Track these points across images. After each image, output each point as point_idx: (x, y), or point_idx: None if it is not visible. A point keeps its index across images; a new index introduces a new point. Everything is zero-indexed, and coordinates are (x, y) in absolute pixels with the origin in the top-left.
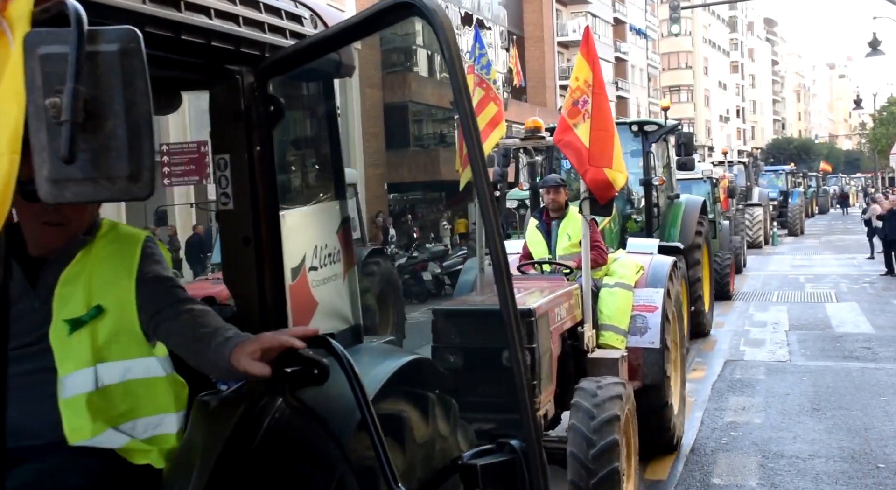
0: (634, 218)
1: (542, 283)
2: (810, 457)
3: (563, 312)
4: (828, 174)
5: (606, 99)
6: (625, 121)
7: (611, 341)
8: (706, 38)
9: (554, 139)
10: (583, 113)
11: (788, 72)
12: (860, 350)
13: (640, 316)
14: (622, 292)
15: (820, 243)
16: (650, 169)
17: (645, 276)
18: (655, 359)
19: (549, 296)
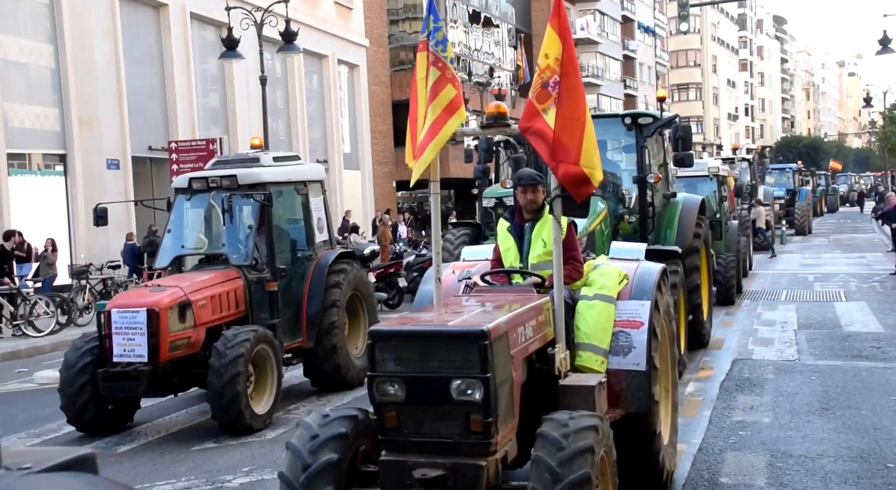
0: (627, 219)
1: (507, 295)
2: (819, 456)
3: (528, 331)
4: (837, 172)
5: (579, 80)
6: (617, 113)
7: (589, 363)
8: (715, 36)
9: (519, 127)
10: (554, 97)
11: (798, 70)
12: (869, 349)
13: (624, 333)
14: (603, 305)
15: (829, 242)
16: (645, 165)
17: (630, 285)
18: (641, 383)
19: (511, 312)
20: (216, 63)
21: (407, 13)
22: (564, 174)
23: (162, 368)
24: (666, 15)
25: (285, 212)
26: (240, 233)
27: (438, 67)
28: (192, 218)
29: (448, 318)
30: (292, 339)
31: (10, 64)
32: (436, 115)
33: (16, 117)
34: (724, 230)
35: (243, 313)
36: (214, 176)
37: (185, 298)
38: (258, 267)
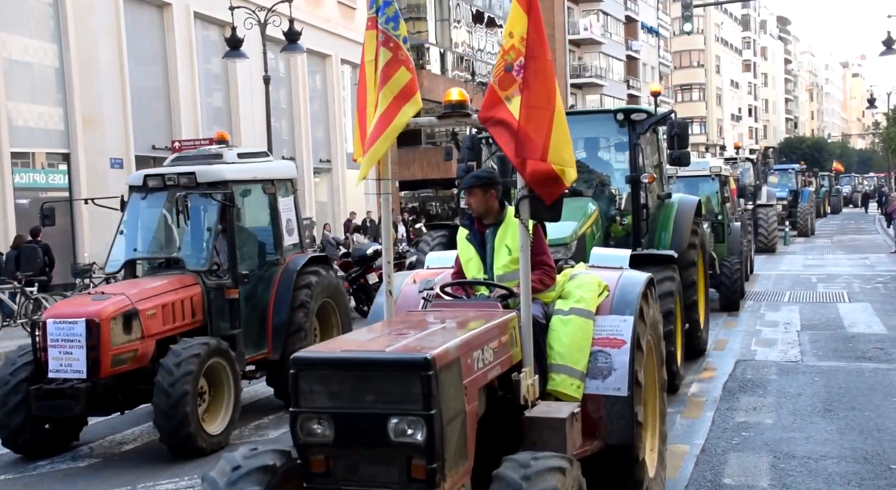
0: (620, 221)
1: (468, 311)
2: (822, 457)
3: (488, 355)
4: (841, 174)
5: (549, 63)
6: (609, 108)
7: (563, 388)
8: (718, 37)
9: (479, 117)
10: (519, 82)
11: (801, 70)
12: (873, 350)
13: (603, 353)
14: (579, 321)
15: (832, 243)
16: (638, 164)
17: (611, 298)
18: (622, 410)
19: (467, 333)
20: (220, 62)
21: (410, 13)
22: (531, 172)
23: (103, 385)
24: (669, 15)
25: (250, 213)
26: (198, 235)
27: (389, 48)
28: (148, 219)
29: (388, 341)
30: (256, 350)
31: (14, 63)
32: (387, 102)
33: (20, 116)
34: (727, 233)
35: (201, 323)
36: (171, 173)
37: (131, 307)
38: (218, 272)
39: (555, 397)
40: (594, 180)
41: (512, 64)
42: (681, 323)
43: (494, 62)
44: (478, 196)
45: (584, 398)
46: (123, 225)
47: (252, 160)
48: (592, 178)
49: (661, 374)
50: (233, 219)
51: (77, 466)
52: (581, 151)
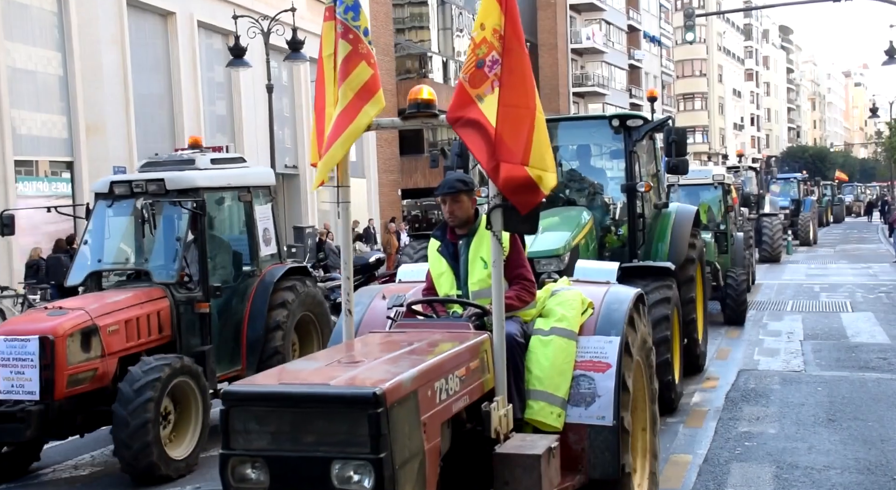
0: (615, 231)
1: (433, 333)
2: (825, 468)
3: (454, 384)
4: (843, 183)
5: (525, 57)
6: (603, 114)
7: (542, 417)
8: (721, 46)
9: (448, 118)
10: (492, 79)
11: (804, 80)
12: (876, 360)
13: (586, 377)
14: (561, 342)
15: (835, 252)
16: (634, 172)
17: (595, 316)
18: (607, 441)
19: (427, 361)
20: (223, 71)
21: (413, 22)
22: (505, 179)
23: (58, 407)
24: (672, 24)
25: (224, 221)
26: (167, 245)
27: (349, 40)
28: (114, 228)
29: (334, 372)
30: (229, 367)
31: (18, 71)
32: (347, 100)
33: (23, 124)
34: (730, 243)
35: (169, 339)
36: (139, 180)
37: (90, 323)
38: (188, 285)
39: (533, 427)
40: (588, 189)
41: (484, 59)
42: (679, 339)
43: None
44: (450, 202)
45: (565, 428)
46: (88, 234)
47: (226, 166)
48: (586, 186)
49: (652, 410)
50: (204, 228)
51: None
52: (575, 159)
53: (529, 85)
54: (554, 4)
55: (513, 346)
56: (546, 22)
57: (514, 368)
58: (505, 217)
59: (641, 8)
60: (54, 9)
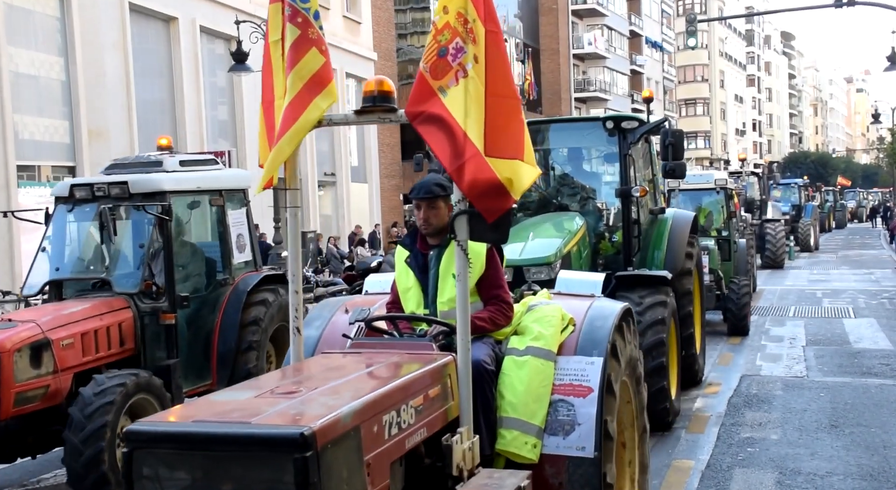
0: (609, 238)
1: (390, 354)
2: (828, 474)
3: (408, 416)
4: (845, 188)
5: (500, 42)
6: (597, 116)
7: (515, 448)
8: (723, 52)
9: (407, 112)
10: (456, 69)
11: (806, 85)
12: (879, 366)
13: (565, 403)
14: (537, 364)
15: (837, 258)
16: (629, 176)
17: (577, 334)
18: (588, 474)
19: (376, 390)
20: (225, 76)
21: (415, 27)
22: (471, 182)
23: (5, 427)
24: (674, 30)
25: (195, 227)
26: (130, 253)
27: (297, 24)
28: (75, 234)
29: (263, 405)
30: (198, 381)
31: (21, 76)
32: (295, 91)
33: (25, 129)
34: (733, 250)
35: (132, 352)
36: (101, 183)
37: (41, 337)
38: (154, 295)
39: (505, 459)
40: (582, 194)
41: (447, 47)
42: (676, 351)
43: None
44: (424, 207)
45: (541, 459)
46: (46, 241)
47: (196, 168)
48: (580, 191)
49: (641, 420)
50: (170, 234)
51: None
52: (567, 163)
53: (510, 72)
54: (556, 10)
55: (482, 372)
56: (548, 27)
57: (482, 396)
58: (471, 225)
59: (643, 13)
60: (57, 14)
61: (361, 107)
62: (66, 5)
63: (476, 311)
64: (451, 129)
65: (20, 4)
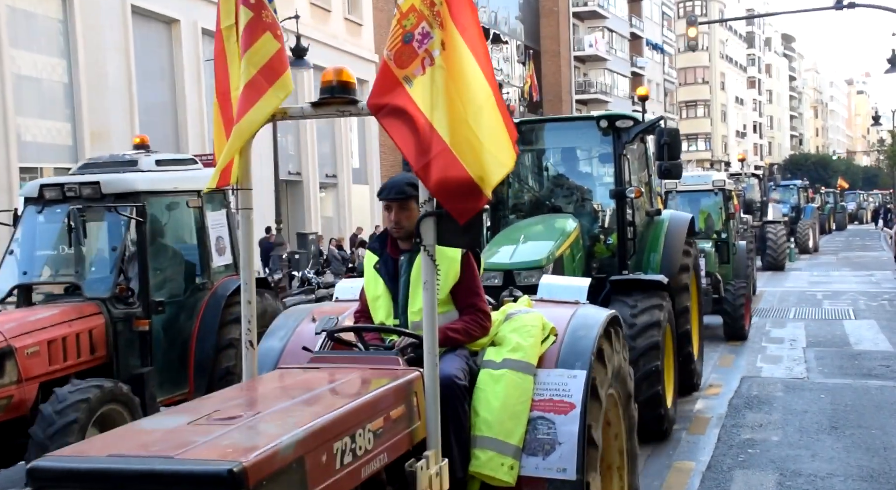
0: (604, 240)
1: (351, 370)
2: (829, 475)
3: (364, 441)
4: (846, 190)
5: (475, 25)
6: (591, 115)
7: (490, 470)
8: (723, 54)
9: (368, 104)
10: (422, 57)
11: (806, 87)
12: (879, 368)
13: (545, 420)
14: (514, 378)
15: (837, 260)
16: (623, 177)
17: (559, 345)
18: None
19: (327, 415)
20: None
21: None
22: (439, 181)
23: None
24: (674, 32)
25: (171, 229)
26: (102, 256)
27: (250, 6)
28: (45, 236)
29: (195, 434)
30: (174, 390)
31: (24, 79)
32: (248, 77)
33: (28, 132)
34: (732, 252)
35: (103, 360)
36: (72, 183)
37: (4, 344)
38: (128, 300)
39: (480, 482)
40: (577, 195)
41: (412, 32)
42: (673, 356)
43: (500, 78)
44: (412, 211)
45: (519, 482)
46: (14, 243)
47: (173, 168)
48: (573, 192)
49: (631, 442)
50: (144, 236)
51: None
52: (561, 163)
53: (475, 62)
54: (557, 12)
55: (453, 388)
56: (549, 29)
57: (453, 414)
58: (439, 228)
59: (644, 15)
60: (59, 16)
61: (319, 98)
62: (68, 8)
63: (451, 320)
64: (417, 123)
65: (22, 7)
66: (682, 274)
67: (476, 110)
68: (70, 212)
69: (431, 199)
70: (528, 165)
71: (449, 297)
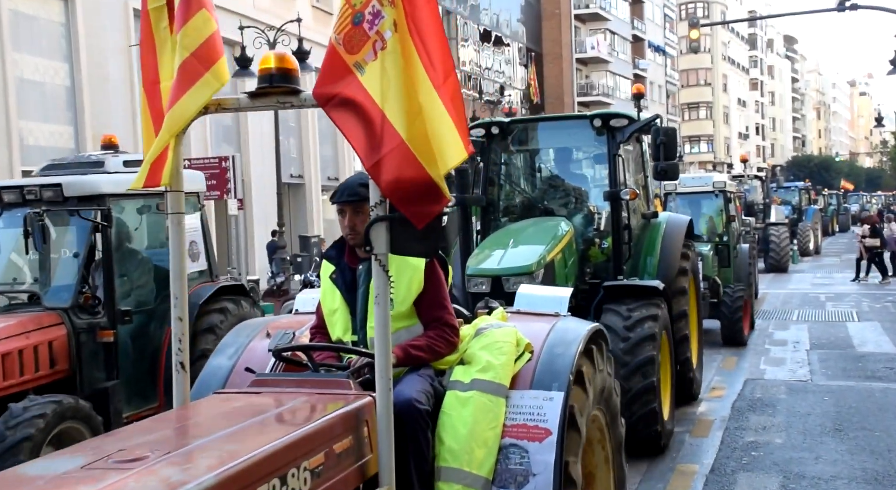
0: (599, 244)
1: (296, 395)
2: (833, 478)
3: (299, 482)
4: (849, 192)
5: (432, 5)
6: (584, 113)
7: None
8: (726, 56)
9: (315, 95)
10: (374, 39)
11: (809, 89)
12: (883, 370)
13: (517, 448)
14: (484, 401)
15: (841, 262)
16: (618, 178)
17: (534, 363)
18: None
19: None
20: (229, 81)
21: None
22: (393, 180)
23: None
24: (676, 34)
25: (141, 234)
26: (64, 263)
27: None
28: (4, 242)
29: (76, 486)
30: (143, 404)
31: (26, 82)
32: (181, 59)
33: (31, 135)
34: (733, 255)
35: (65, 374)
36: (33, 185)
37: None
38: (93, 309)
39: None
40: (573, 196)
41: (362, 12)
42: (670, 365)
43: (501, 81)
44: (349, 213)
45: None
46: None
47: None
48: (567, 194)
49: (618, 473)
50: (109, 242)
51: None
52: (554, 164)
53: (435, 47)
54: (559, 14)
55: (413, 414)
56: (551, 31)
57: (413, 443)
58: (392, 234)
59: (646, 17)
60: (61, 20)
61: (257, 88)
62: (71, 11)
63: (414, 336)
64: (369, 115)
65: (25, 10)
66: (680, 277)
67: (430, 100)
68: (27, 216)
69: (384, 201)
70: (520, 166)
71: (412, 309)
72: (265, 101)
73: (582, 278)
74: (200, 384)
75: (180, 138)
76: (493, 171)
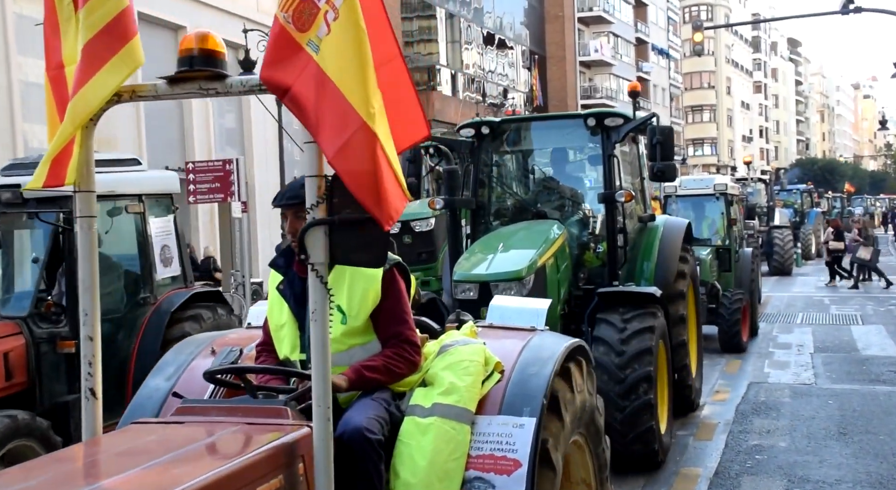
0: (594, 248)
1: (224, 425)
2: (837, 482)
3: None
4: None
5: None
6: (578, 112)
7: None
8: (729, 58)
9: (263, 77)
10: (324, 10)
11: (812, 92)
12: (887, 373)
13: (483, 482)
14: (446, 428)
15: None
16: (613, 179)
17: (504, 384)
18: None
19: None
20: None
21: (422, 35)
22: (357, 172)
23: None
24: (680, 37)
25: (108, 238)
26: (22, 269)
27: None
28: None
29: None
30: (109, 418)
31: (30, 85)
32: (85, 40)
33: (35, 138)
34: (735, 260)
35: (23, 386)
36: None
37: None
38: (55, 318)
39: None
40: (568, 198)
41: None
42: (667, 376)
43: (505, 84)
44: (290, 216)
45: None
46: None
47: (111, 169)
48: (560, 196)
49: (601, 467)
50: (73, 246)
51: None
52: (547, 165)
53: (389, 28)
54: (562, 17)
55: (363, 445)
56: (554, 34)
57: (364, 479)
58: (332, 241)
59: (650, 20)
60: None
61: (176, 72)
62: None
63: (370, 354)
64: (327, 98)
65: (29, 13)
66: (678, 281)
67: (388, 72)
68: None
69: (321, 202)
70: (512, 168)
71: (368, 324)
72: (186, 86)
73: (575, 284)
74: (132, 410)
75: (90, 130)
76: (484, 172)
